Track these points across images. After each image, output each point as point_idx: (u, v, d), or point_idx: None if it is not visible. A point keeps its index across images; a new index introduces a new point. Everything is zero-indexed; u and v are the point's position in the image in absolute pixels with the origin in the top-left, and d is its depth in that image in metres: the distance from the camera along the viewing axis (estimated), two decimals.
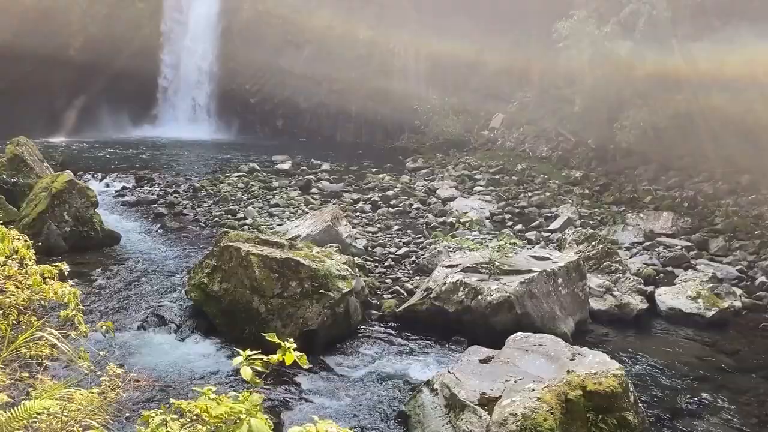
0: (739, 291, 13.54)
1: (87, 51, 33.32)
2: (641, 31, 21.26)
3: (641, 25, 21.28)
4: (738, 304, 12.94)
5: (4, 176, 16.08)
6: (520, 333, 9.42)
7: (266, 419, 3.34)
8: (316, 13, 35.37)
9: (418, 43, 34.96)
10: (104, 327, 5.84)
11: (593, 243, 14.57)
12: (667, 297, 13.03)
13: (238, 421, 3.27)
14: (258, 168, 24.92)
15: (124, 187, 21.25)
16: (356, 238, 15.92)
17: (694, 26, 20.70)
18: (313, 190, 22.26)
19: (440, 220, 19.23)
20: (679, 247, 16.39)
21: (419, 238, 17.14)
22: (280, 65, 36.26)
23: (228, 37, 36.56)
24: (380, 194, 21.82)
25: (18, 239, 6.11)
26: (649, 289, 13.45)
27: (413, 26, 34.76)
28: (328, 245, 13.78)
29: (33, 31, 30.73)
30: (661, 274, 14.83)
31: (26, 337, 5.11)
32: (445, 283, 11.54)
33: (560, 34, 23.55)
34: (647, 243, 16.87)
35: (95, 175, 22.24)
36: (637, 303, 12.74)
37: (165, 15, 36.28)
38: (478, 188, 23.46)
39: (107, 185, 21.45)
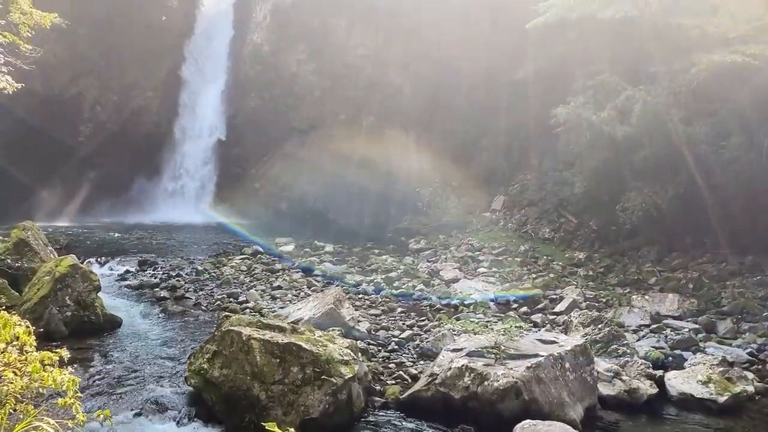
0: (751, 375, 13.22)
1: (96, 137, 34.22)
2: (638, 115, 21.81)
3: (637, 110, 21.86)
4: (750, 388, 12.61)
5: (9, 261, 16.15)
6: (528, 420, 9.16)
7: None
8: (320, 101, 36.50)
9: (419, 128, 35.85)
10: (102, 416, 5.73)
11: (600, 326, 14.41)
12: (677, 381, 12.73)
13: None
14: (261, 250, 25.02)
15: (127, 271, 21.25)
16: (359, 321, 15.76)
17: (688, 110, 21.25)
18: (316, 272, 22.22)
19: (444, 302, 19.07)
20: (687, 329, 16.14)
21: (423, 320, 16.95)
22: (284, 150, 37.09)
23: (234, 124, 37.60)
24: (383, 276, 21.75)
25: (20, 325, 6.09)
26: (659, 373, 13.15)
27: (414, 112, 35.75)
28: (331, 328, 13.63)
29: (44, 118, 31.64)
30: (670, 358, 14.52)
31: (23, 427, 5.01)
32: (450, 368, 11.31)
33: (558, 120, 24.17)
34: (654, 325, 16.62)
35: (99, 259, 22.32)
36: (647, 388, 12.43)
37: (174, 102, 37.47)
38: (482, 269, 23.40)
39: (110, 269, 21.50)
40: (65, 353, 6.05)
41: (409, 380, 12.63)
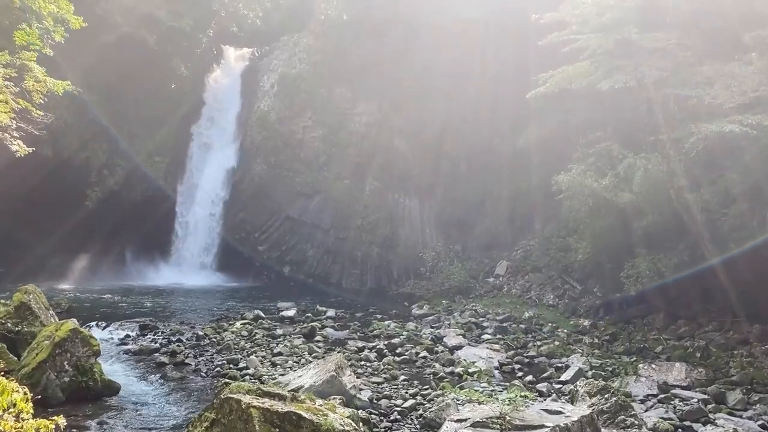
0: None
1: (102, 202, 34.49)
2: (639, 183, 22.00)
3: (638, 177, 22.06)
4: None
5: (9, 325, 16.03)
6: None
7: None
8: (325, 166, 36.99)
9: (422, 193, 36.18)
10: None
11: (606, 395, 14.09)
12: None
13: None
14: (263, 315, 24.81)
15: (127, 335, 21.06)
16: (361, 389, 15.47)
17: (690, 178, 21.44)
18: (318, 337, 21.96)
19: (448, 369, 18.76)
20: (696, 399, 15.79)
21: (426, 389, 16.62)
22: (288, 214, 37.30)
23: (240, 189, 37.97)
24: (386, 342, 21.48)
25: (17, 392, 6.01)
26: None
27: (417, 177, 36.16)
28: (332, 397, 13.37)
29: (51, 183, 31.96)
30: (680, 430, 14.17)
31: None
32: None
33: (560, 187, 24.36)
34: (662, 395, 16.28)
35: (99, 323, 22.14)
36: None
37: (181, 167, 37.99)
38: (486, 336, 23.12)
39: (111, 333, 21.31)
40: (62, 421, 5.96)
41: None
